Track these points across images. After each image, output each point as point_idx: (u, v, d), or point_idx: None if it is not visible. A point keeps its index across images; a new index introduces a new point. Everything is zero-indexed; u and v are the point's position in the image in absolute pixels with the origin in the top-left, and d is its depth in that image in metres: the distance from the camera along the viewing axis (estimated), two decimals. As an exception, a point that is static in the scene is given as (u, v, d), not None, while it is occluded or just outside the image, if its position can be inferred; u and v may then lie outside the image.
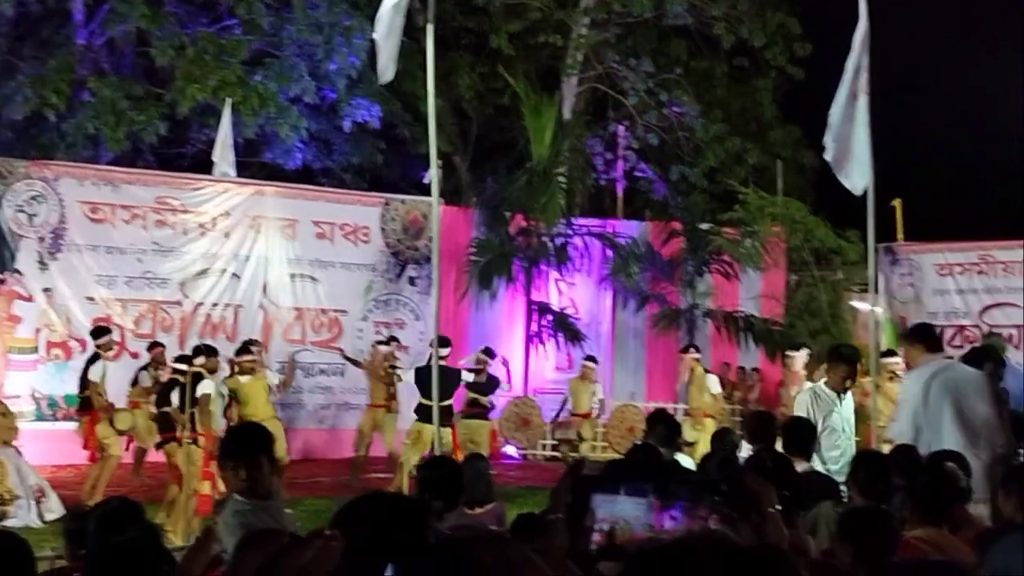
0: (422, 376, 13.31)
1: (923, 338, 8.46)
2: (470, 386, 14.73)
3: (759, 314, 20.80)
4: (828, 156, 10.37)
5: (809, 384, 15.16)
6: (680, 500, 2.73)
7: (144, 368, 14.71)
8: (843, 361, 8.70)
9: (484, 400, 14.89)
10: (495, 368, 15.48)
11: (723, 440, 8.82)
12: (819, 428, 8.13)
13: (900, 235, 20.75)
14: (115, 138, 20.48)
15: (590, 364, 17.46)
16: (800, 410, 8.53)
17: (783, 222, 20.95)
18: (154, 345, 15.09)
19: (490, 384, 15.10)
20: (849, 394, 8.64)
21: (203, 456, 11.21)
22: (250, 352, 13.39)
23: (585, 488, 2.85)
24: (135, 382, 14.63)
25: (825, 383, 8.64)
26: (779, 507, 2.84)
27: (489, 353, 15.45)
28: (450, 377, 13.30)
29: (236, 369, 13.25)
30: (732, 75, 27.61)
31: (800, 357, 15.49)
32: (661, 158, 26.19)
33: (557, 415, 17.65)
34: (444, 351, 14.22)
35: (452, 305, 19.26)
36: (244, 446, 5.29)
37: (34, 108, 20.09)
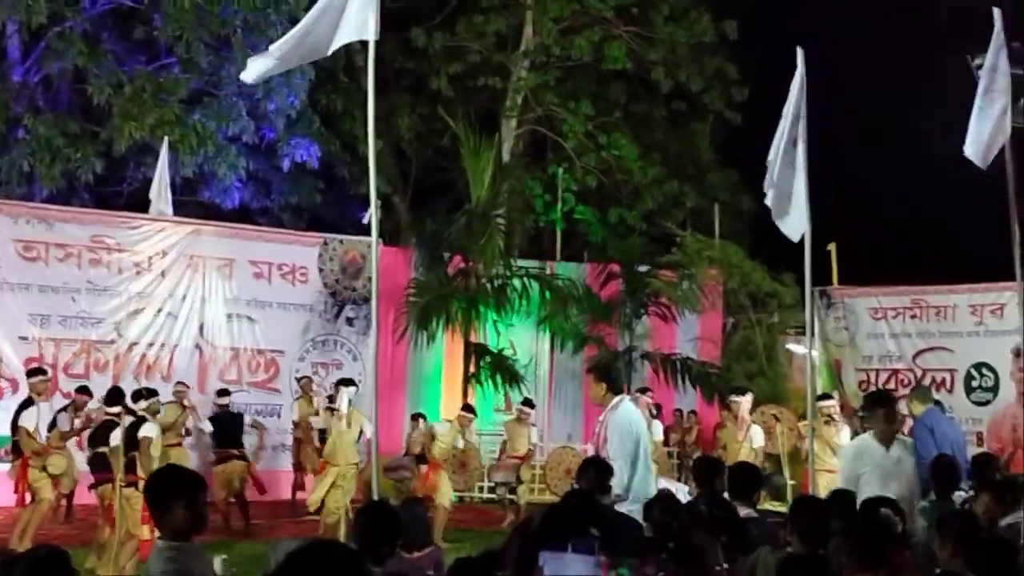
0: None
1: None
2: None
3: (696, 357, 20.89)
4: (769, 201, 10.48)
5: (854, 434, 15.26)
6: (627, 556, 2.73)
7: (63, 410, 14.37)
8: (882, 405, 8.48)
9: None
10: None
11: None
12: (859, 480, 7.98)
13: (835, 279, 20.96)
14: (50, 175, 20.29)
15: (526, 409, 17.46)
16: (845, 462, 8.46)
17: (720, 265, 21.12)
18: (82, 390, 14.79)
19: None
20: (895, 443, 8.28)
21: (143, 500, 11.04)
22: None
23: (533, 545, 2.84)
24: (53, 425, 14.22)
25: (873, 434, 8.37)
26: (725, 565, 2.85)
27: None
28: None
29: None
30: (670, 119, 27.89)
31: (745, 402, 15.59)
32: (599, 200, 26.33)
33: (498, 458, 17.62)
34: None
35: (390, 346, 19.19)
36: (170, 489, 5.22)
37: (-32, 145, 19.88)
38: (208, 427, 15.88)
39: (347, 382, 15.04)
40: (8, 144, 20.65)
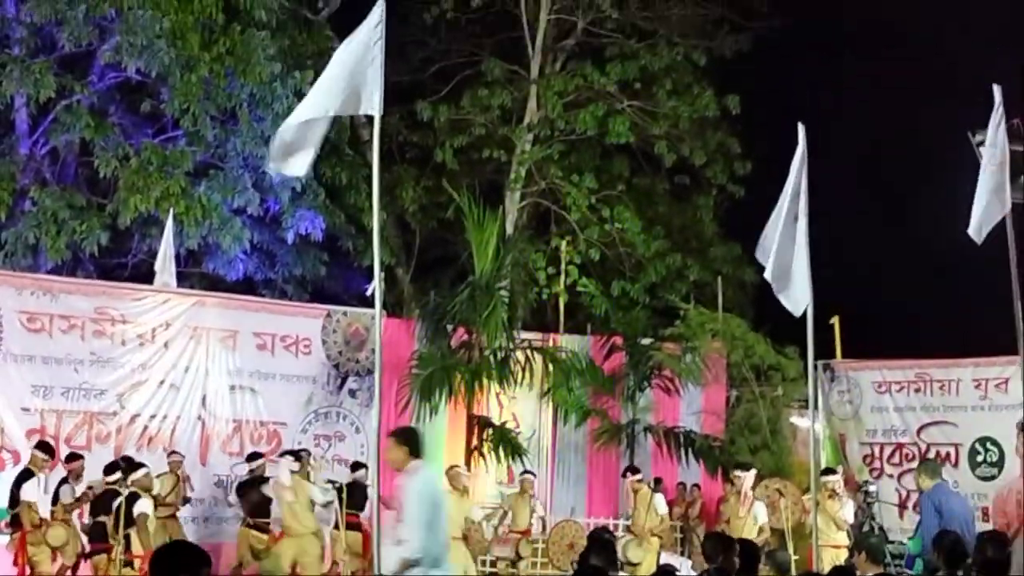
0: None
1: None
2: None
3: (700, 430, 20.83)
4: (768, 275, 10.51)
5: (858, 509, 15.18)
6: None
7: (64, 482, 14.39)
8: None
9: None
10: None
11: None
12: None
13: (838, 352, 20.94)
14: (56, 247, 20.37)
15: (529, 477, 17.37)
16: None
17: (723, 338, 21.09)
18: (72, 457, 14.84)
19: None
20: None
21: (146, 576, 10.98)
22: None
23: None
24: (55, 499, 14.23)
25: None
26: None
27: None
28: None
29: None
30: (673, 192, 28.02)
31: (748, 477, 15.53)
32: (603, 273, 26.38)
33: (496, 530, 17.48)
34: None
35: (393, 418, 19.09)
36: (176, 566, 5.21)
37: (-26, 217, 19.98)
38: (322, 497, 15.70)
39: (285, 453, 15.23)
40: (14, 216, 20.74)
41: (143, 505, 11.63)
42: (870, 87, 29.15)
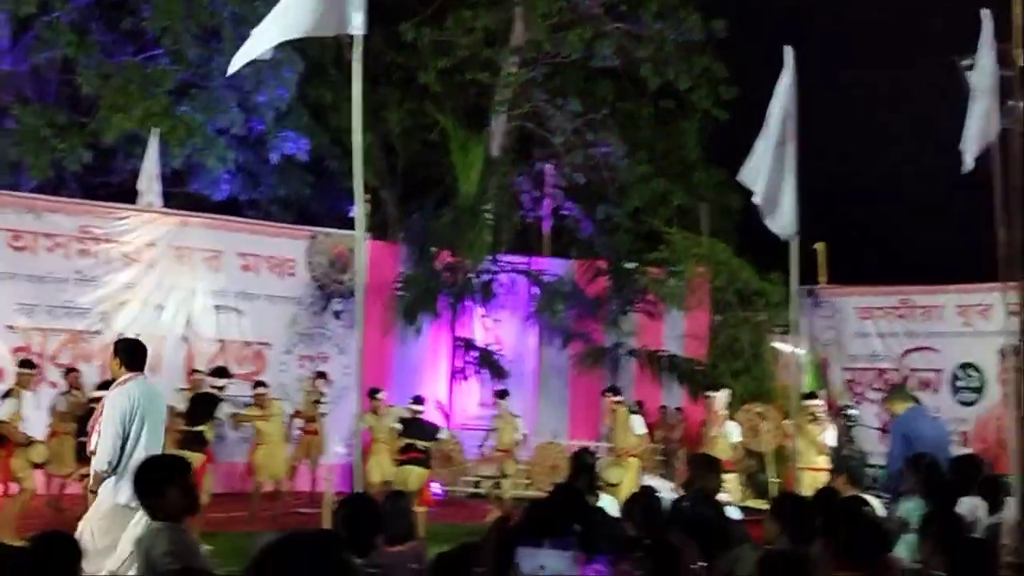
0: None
1: None
2: (405, 432, 14.87)
3: (683, 354, 20.96)
4: (757, 199, 10.51)
5: (839, 433, 15.30)
6: (603, 554, 2.74)
7: (63, 393, 14.55)
8: None
9: (420, 445, 14.93)
10: (429, 414, 15.71)
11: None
12: None
13: (823, 278, 21.04)
14: (38, 166, 20.25)
15: (500, 401, 17.37)
16: None
17: (707, 263, 21.17)
18: (69, 371, 15.02)
19: (427, 430, 15.26)
20: None
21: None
22: None
23: (509, 541, 2.85)
24: (53, 409, 14.42)
25: None
26: (704, 564, 2.87)
27: (419, 401, 15.65)
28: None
29: None
30: (658, 117, 27.91)
31: (721, 397, 15.62)
32: (587, 197, 26.36)
33: (480, 449, 17.62)
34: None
35: (377, 340, 19.20)
36: (161, 474, 5.38)
37: (-44, 134, 19.85)
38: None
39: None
40: (-4, 134, 20.63)
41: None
42: (857, 8, 28.95)
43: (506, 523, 2.77)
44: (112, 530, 7.84)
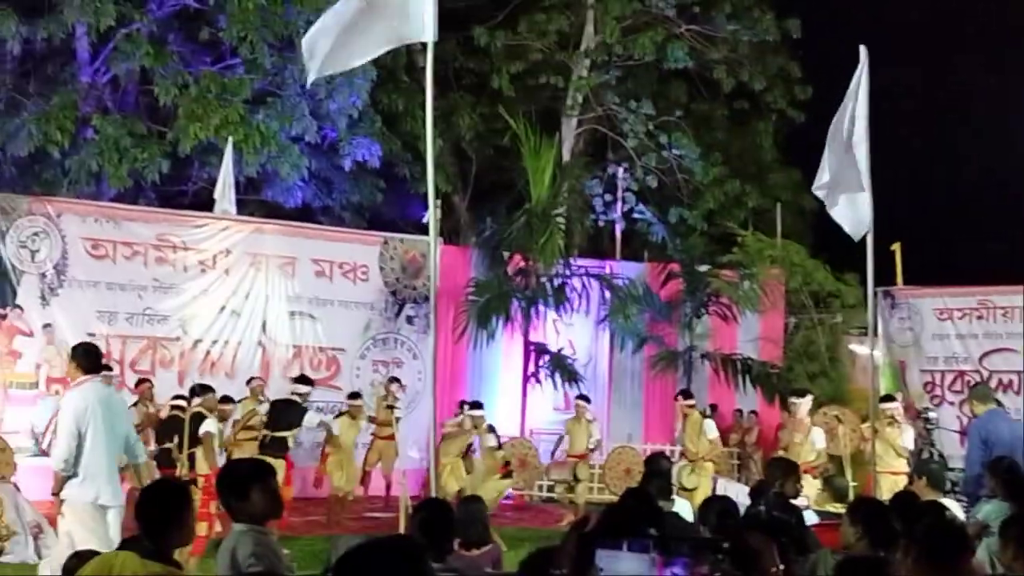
0: None
1: None
2: None
3: (757, 357, 20.78)
4: (822, 195, 10.42)
5: (918, 436, 15.14)
6: (682, 557, 2.74)
7: (134, 405, 14.68)
8: None
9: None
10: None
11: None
12: None
13: (899, 279, 20.77)
14: (117, 175, 20.55)
15: (582, 403, 17.41)
16: None
17: (782, 265, 20.99)
18: (141, 381, 15.16)
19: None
20: None
21: (202, 497, 11.19)
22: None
23: (589, 544, 2.85)
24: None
25: None
26: (781, 567, 2.85)
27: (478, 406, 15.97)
28: None
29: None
30: (732, 118, 27.79)
31: (805, 403, 15.46)
32: (660, 200, 26.28)
33: (552, 454, 17.60)
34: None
35: (450, 344, 19.26)
36: (247, 477, 5.45)
37: (38, 145, 20.16)
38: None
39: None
40: (77, 144, 20.93)
41: (208, 425, 11.81)
42: (933, 6, 28.60)
43: (585, 525, 2.77)
44: (96, 530, 8.04)
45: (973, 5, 27.62)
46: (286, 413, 14.67)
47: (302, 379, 15.73)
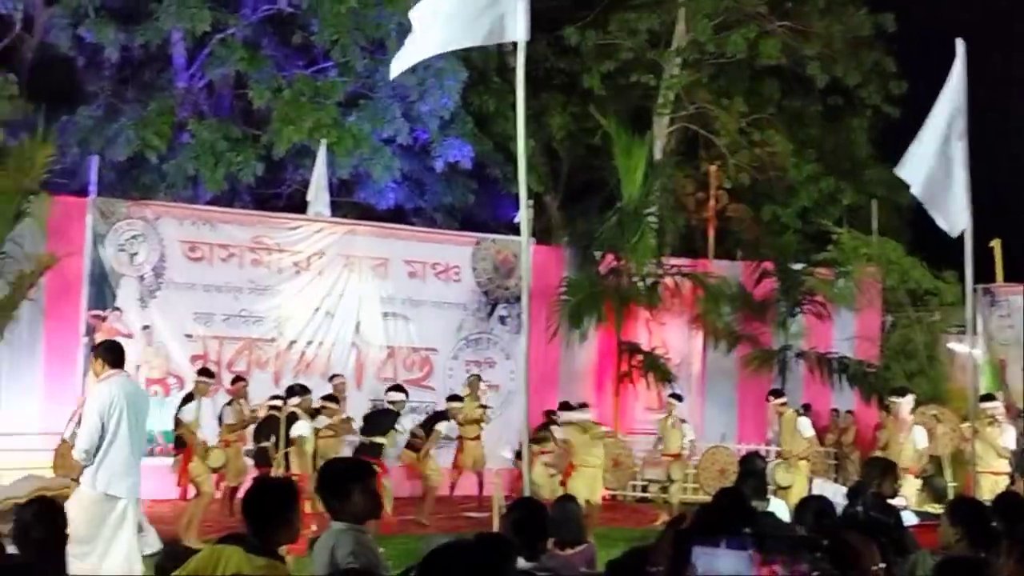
0: None
1: None
2: None
3: (853, 355, 20.52)
4: (916, 191, 10.27)
5: (1020, 435, 14.92)
6: (780, 555, 2.70)
7: (228, 403, 14.89)
8: None
9: None
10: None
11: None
12: None
13: (999, 276, 20.39)
14: (214, 179, 20.85)
15: (673, 402, 17.32)
16: None
17: (878, 262, 20.69)
18: (236, 380, 15.38)
19: None
20: None
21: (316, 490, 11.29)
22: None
23: (685, 542, 2.83)
24: (220, 420, 14.76)
25: None
26: (882, 565, 2.81)
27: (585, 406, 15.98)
28: None
29: None
30: (826, 114, 27.45)
31: (906, 403, 15.24)
32: (753, 198, 26.05)
33: (648, 455, 17.54)
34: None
35: (542, 345, 19.26)
36: (348, 476, 5.52)
37: (136, 150, 20.52)
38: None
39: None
40: (174, 148, 21.28)
41: (300, 427, 11.95)
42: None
43: (682, 522, 2.75)
44: (93, 520, 8.19)
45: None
46: (381, 420, 14.86)
47: (396, 388, 15.80)
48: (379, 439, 14.49)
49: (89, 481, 8.35)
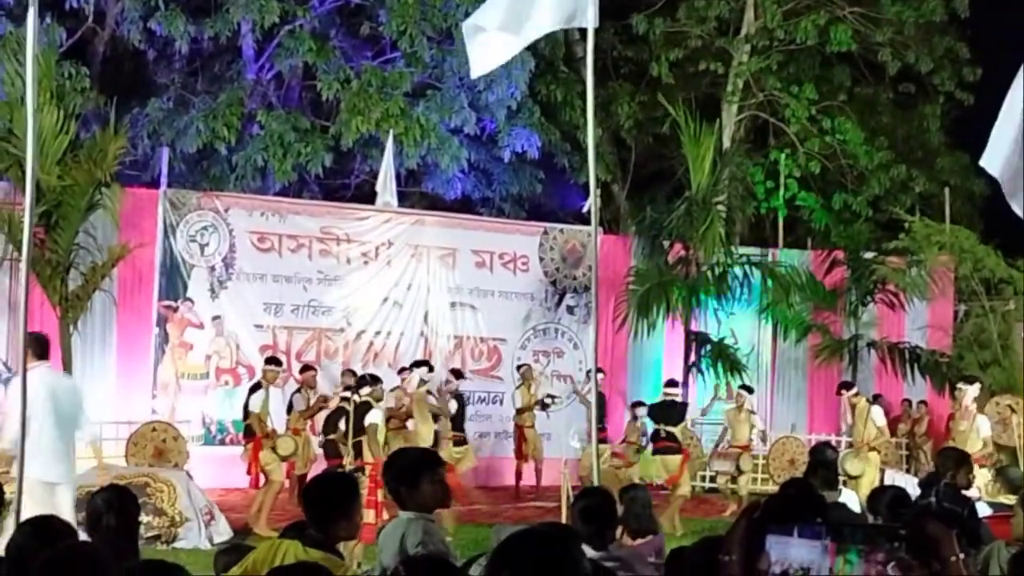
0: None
1: None
2: (657, 417, 15.11)
3: (925, 345, 20.26)
4: (995, 174, 10.09)
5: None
6: (856, 544, 2.64)
7: (297, 391, 15.00)
8: None
9: (675, 431, 15.02)
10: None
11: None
12: None
13: (1076, 263, 20.00)
14: (282, 170, 20.99)
15: (743, 393, 17.24)
16: None
17: (951, 251, 20.40)
18: (305, 368, 15.46)
19: (678, 412, 15.50)
20: None
21: (369, 485, 11.37)
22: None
23: (759, 530, 2.78)
24: (290, 408, 14.87)
25: None
26: (962, 555, 2.74)
27: (672, 384, 15.89)
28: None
29: None
30: (897, 101, 27.10)
31: (971, 391, 15.05)
32: (823, 186, 25.79)
33: (716, 446, 17.44)
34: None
35: (610, 334, 19.23)
36: (418, 466, 5.54)
37: (206, 141, 20.68)
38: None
39: (417, 364, 15.43)
40: (243, 140, 21.44)
41: (373, 416, 11.98)
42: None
43: (755, 510, 2.71)
44: (44, 503, 8.42)
45: None
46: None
47: (454, 372, 15.92)
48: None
49: (28, 470, 8.53)
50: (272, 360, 14.67)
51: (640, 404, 16.70)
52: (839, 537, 2.64)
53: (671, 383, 16.44)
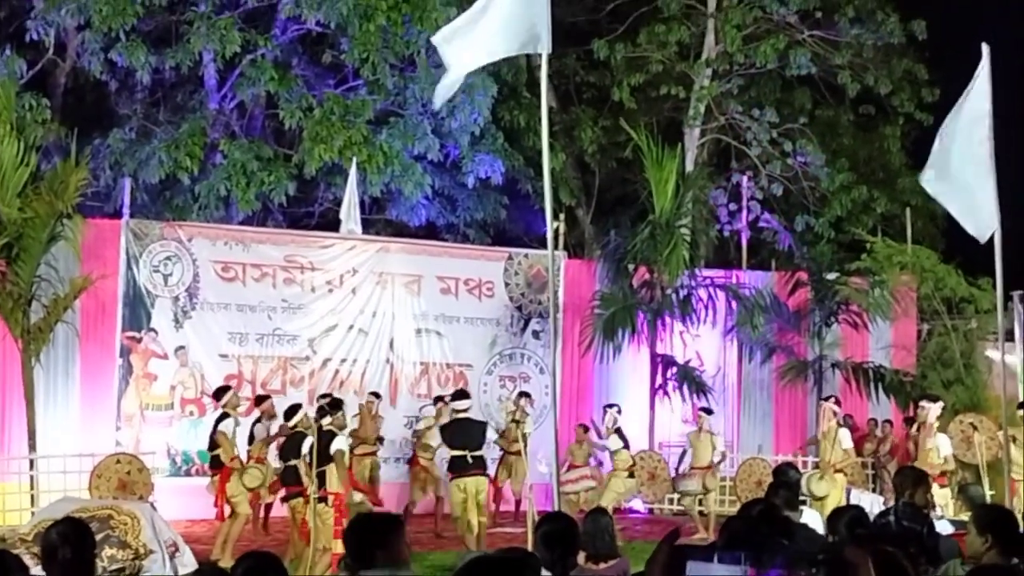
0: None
1: None
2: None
3: (890, 365, 20.41)
4: (930, 189, 10.23)
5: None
6: (775, 569, 2.67)
7: (257, 421, 14.86)
8: None
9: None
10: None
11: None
12: None
13: (1035, 282, 20.18)
14: (246, 199, 20.96)
15: (703, 415, 17.27)
16: None
17: (913, 271, 20.58)
18: (261, 399, 15.25)
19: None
20: None
21: (334, 515, 11.32)
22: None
23: (681, 557, 2.82)
24: (251, 438, 14.68)
25: None
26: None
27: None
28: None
29: None
30: (858, 123, 27.38)
31: (934, 409, 15.14)
32: (786, 208, 25.98)
33: (677, 468, 17.44)
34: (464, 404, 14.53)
35: (576, 358, 19.28)
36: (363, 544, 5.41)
37: (169, 171, 20.64)
38: None
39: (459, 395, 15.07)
40: (206, 169, 21.41)
41: (339, 443, 11.92)
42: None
43: (676, 537, 2.72)
44: None
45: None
46: (462, 433, 14.41)
47: (460, 394, 15.23)
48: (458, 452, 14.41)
49: None
50: (220, 391, 14.53)
51: (585, 427, 16.86)
52: (758, 563, 2.67)
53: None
